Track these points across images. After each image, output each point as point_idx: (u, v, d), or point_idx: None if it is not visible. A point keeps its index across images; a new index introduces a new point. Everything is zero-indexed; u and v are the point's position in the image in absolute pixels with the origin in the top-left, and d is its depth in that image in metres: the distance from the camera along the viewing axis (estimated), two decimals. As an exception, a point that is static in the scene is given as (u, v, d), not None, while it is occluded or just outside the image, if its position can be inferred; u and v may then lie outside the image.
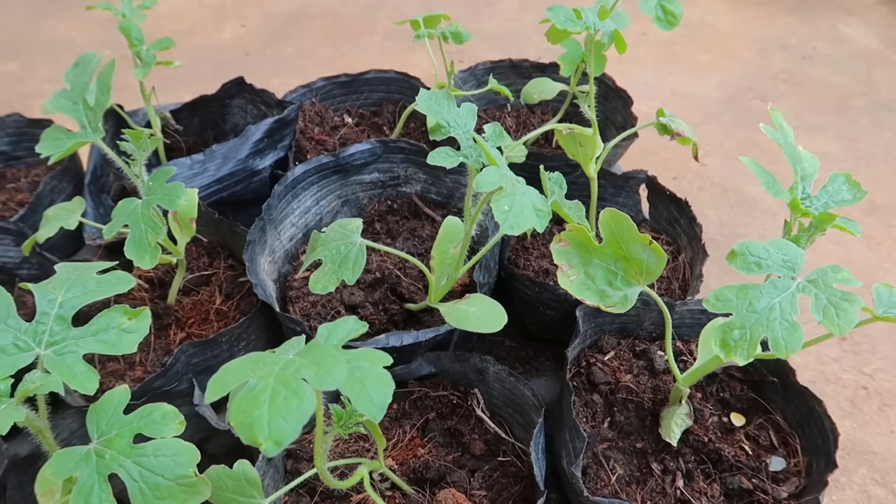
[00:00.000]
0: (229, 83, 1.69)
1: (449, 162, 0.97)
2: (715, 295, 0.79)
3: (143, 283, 1.40)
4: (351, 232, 1.11)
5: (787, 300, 0.76)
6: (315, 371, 0.67)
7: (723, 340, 0.77)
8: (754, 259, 0.79)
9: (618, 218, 0.98)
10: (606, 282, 1.00)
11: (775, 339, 0.74)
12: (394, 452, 1.16)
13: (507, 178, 0.90)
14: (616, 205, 1.58)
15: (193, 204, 1.29)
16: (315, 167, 1.42)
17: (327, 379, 0.66)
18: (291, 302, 1.32)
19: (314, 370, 0.67)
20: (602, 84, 1.79)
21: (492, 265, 1.28)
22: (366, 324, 0.80)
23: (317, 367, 0.67)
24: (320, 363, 0.68)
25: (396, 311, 1.33)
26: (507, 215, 0.87)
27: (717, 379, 1.25)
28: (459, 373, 1.24)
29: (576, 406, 1.18)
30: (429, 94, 1.04)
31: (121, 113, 1.58)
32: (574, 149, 1.34)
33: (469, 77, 1.81)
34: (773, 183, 0.89)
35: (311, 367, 0.67)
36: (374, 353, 0.76)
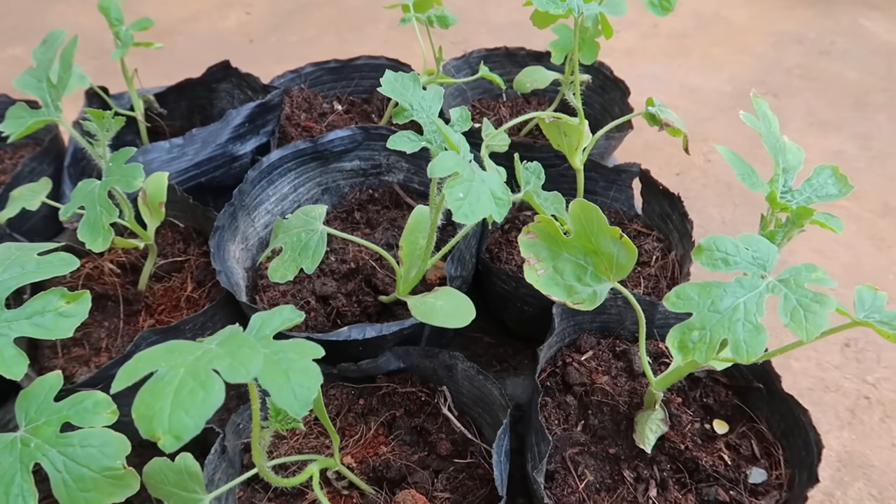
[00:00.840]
0: (214, 67, 1.66)
1: (409, 146, 0.92)
2: (676, 292, 0.73)
3: (115, 268, 1.37)
4: (313, 219, 1.06)
5: (754, 300, 0.70)
6: (229, 362, 0.62)
7: (681, 342, 0.71)
8: (721, 255, 0.73)
9: (587, 209, 0.92)
10: (575, 277, 0.95)
11: (736, 341, 0.68)
12: (355, 449, 1.11)
13: (464, 163, 0.85)
14: (607, 199, 1.52)
15: (162, 188, 1.25)
16: (292, 153, 1.38)
17: (241, 371, 0.62)
18: (262, 291, 1.28)
19: (228, 361, 0.62)
20: (599, 74, 1.72)
21: (467, 258, 1.23)
22: (302, 314, 0.76)
23: (231, 358, 0.63)
24: (236, 354, 0.63)
25: (370, 304, 1.29)
26: (462, 203, 0.81)
27: (700, 383, 1.18)
28: (429, 369, 1.19)
29: (548, 407, 1.13)
30: (395, 75, 0.99)
31: (102, 95, 1.55)
32: (558, 139, 1.28)
33: (463, 65, 1.76)
34: (750, 174, 0.82)
35: (226, 357, 0.63)
36: (305, 344, 0.71)
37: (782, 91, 2.29)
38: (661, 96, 2.35)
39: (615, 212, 1.51)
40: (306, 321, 1.22)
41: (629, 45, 2.56)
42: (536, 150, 1.49)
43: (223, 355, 0.63)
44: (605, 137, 1.53)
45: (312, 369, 0.68)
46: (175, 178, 1.45)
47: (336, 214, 1.46)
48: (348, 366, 1.17)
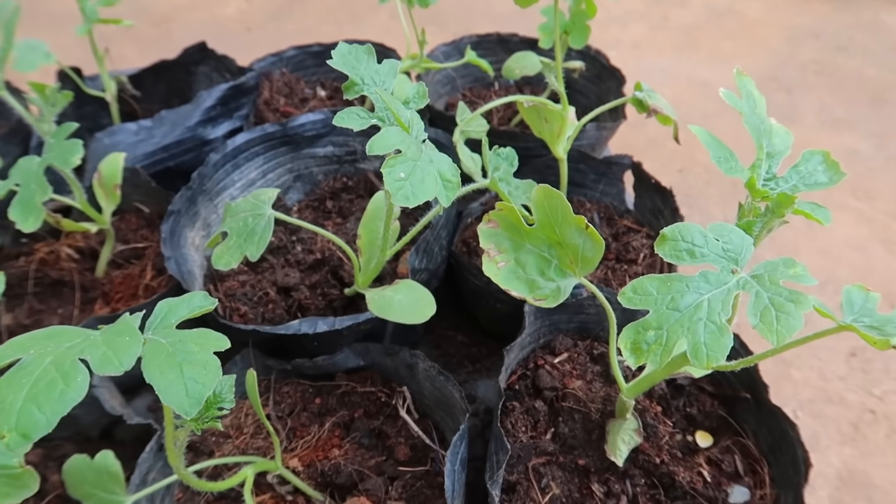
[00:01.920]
0: (191, 48, 1.59)
1: (357, 123, 0.84)
2: (633, 287, 0.64)
3: (73, 253, 1.31)
4: (263, 203, 0.99)
5: (720, 298, 0.61)
6: (102, 352, 0.55)
7: (634, 343, 0.62)
8: (686, 246, 0.64)
9: (551, 196, 0.83)
10: (538, 271, 0.86)
11: (696, 343, 0.59)
12: (303, 452, 1.03)
13: (410, 140, 0.77)
14: (597, 192, 1.43)
15: (117, 169, 1.19)
16: (260, 136, 1.31)
17: (112, 362, 0.54)
18: (220, 280, 1.21)
19: (101, 350, 0.55)
20: (596, 63, 1.63)
21: (435, 250, 1.15)
22: (215, 301, 0.68)
23: (106, 347, 0.55)
24: (112, 342, 0.56)
25: (336, 297, 1.21)
26: (403, 184, 0.73)
27: (684, 392, 1.09)
28: (390, 368, 1.11)
29: (515, 413, 1.04)
30: (348, 47, 0.91)
31: (72, 75, 1.50)
32: (539, 125, 1.19)
33: (452, 51, 1.68)
34: (728, 158, 0.73)
35: (101, 346, 0.55)
36: (209, 335, 0.63)
37: (795, 86, 2.18)
38: (668, 90, 2.25)
39: (605, 206, 1.42)
40: (263, 314, 1.15)
41: (636, 37, 2.46)
42: (522, 140, 1.40)
43: (98, 344, 0.56)
44: (596, 128, 1.44)
45: (211, 363, 0.60)
46: (142, 161, 1.38)
47: (308, 203, 1.39)
48: (303, 362, 1.10)
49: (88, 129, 1.53)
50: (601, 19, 2.59)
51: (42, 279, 1.27)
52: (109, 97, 1.47)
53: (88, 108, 1.61)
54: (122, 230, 1.34)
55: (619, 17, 2.58)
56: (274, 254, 1.26)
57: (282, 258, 1.26)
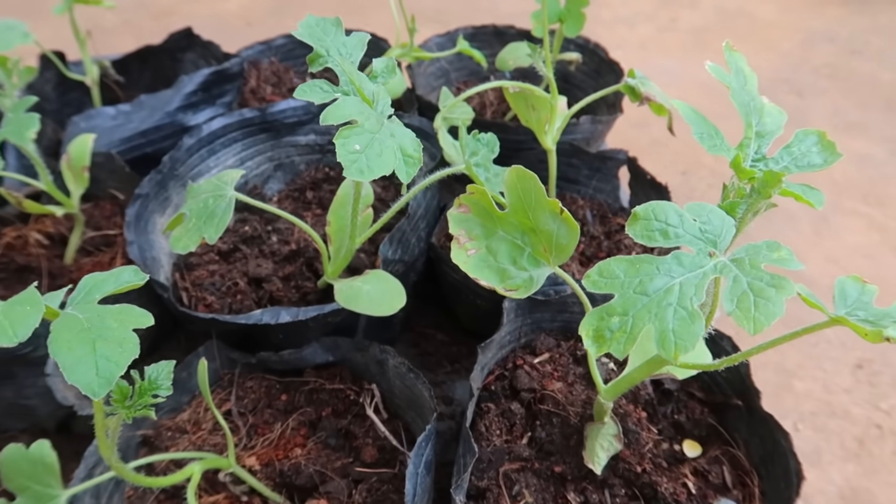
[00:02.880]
0: (176, 34, 1.55)
1: (319, 97, 0.78)
2: (598, 269, 0.58)
3: (42, 239, 1.26)
4: (225, 184, 0.93)
5: (693, 282, 0.55)
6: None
7: (597, 329, 0.56)
8: (659, 225, 0.58)
9: (525, 178, 0.77)
10: (510, 259, 0.80)
11: (663, 331, 0.52)
12: (263, 450, 0.97)
13: (368, 111, 0.71)
14: (590, 188, 1.36)
15: (85, 151, 1.14)
16: (238, 122, 1.26)
17: (7, 333, 0.49)
18: (189, 269, 1.16)
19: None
20: (595, 56, 1.57)
21: (412, 241, 1.09)
22: (146, 276, 0.63)
23: (2, 317, 0.50)
24: (10, 312, 0.51)
25: (310, 290, 1.15)
26: (358, 156, 0.67)
27: (672, 397, 1.02)
28: (361, 363, 1.05)
29: (490, 415, 0.97)
30: (316, 19, 0.86)
31: (54, 59, 1.46)
32: (526, 113, 1.13)
33: (447, 42, 1.63)
34: (712, 135, 0.67)
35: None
36: (132, 311, 0.58)
37: (807, 90, 2.10)
38: (675, 91, 2.18)
39: (598, 203, 1.36)
40: (230, 305, 1.09)
41: (644, 38, 2.40)
42: (513, 132, 1.34)
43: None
44: (590, 121, 1.37)
45: (128, 340, 0.55)
46: (119, 146, 1.34)
47: (288, 193, 1.33)
48: (269, 355, 1.04)
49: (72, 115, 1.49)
50: (608, 19, 2.54)
51: (8, 265, 1.22)
52: (90, 81, 1.43)
53: (73, 93, 1.57)
54: (94, 217, 1.29)
55: (626, 18, 2.52)
56: (248, 244, 1.21)
57: (256, 248, 1.21)
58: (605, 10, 2.58)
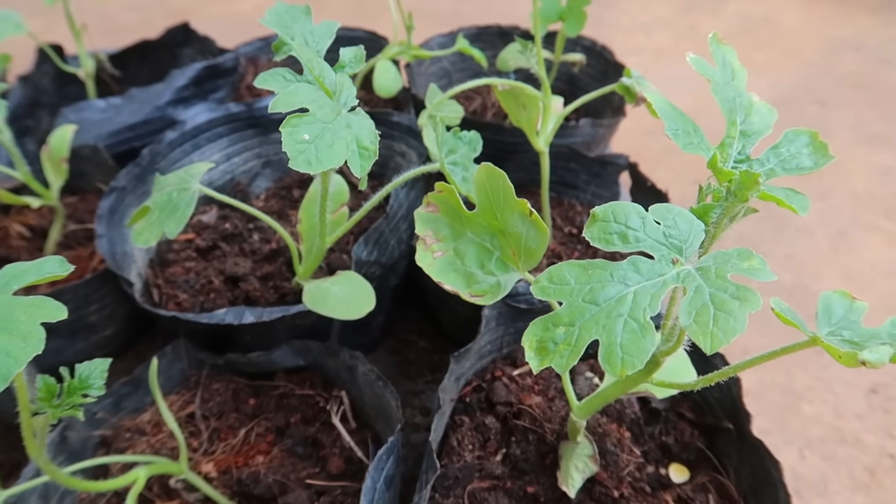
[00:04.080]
0: (174, 28, 1.53)
1: (280, 86, 0.74)
2: (548, 274, 0.53)
3: (24, 231, 1.24)
4: (191, 177, 0.90)
5: (650, 291, 0.49)
6: None
7: (540, 341, 0.50)
8: (619, 228, 0.53)
9: (494, 176, 0.72)
10: (478, 263, 0.75)
11: (610, 344, 0.47)
12: (223, 456, 0.93)
13: (322, 101, 0.67)
14: (588, 194, 1.31)
15: (65, 142, 1.12)
16: (223, 117, 1.23)
17: None
18: (164, 265, 1.12)
19: None
20: (601, 58, 1.52)
21: (391, 242, 1.04)
22: (71, 267, 0.59)
23: None
24: None
25: (289, 290, 1.11)
26: (306, 147, 0.63)
27: (660, 417, 0.95)
28: (332, 369, 1.00)
29: (464, 428, 0.92)
30: (285, 6, 0.82)
31: (50, 53, 1.44)
32: (517, 112, 1.08)
33: (449, 42, 1.58)
34: (689, 132, 0.61)
35: None
36: (46, 304, 0.54)
37: (831, 100, 2.01)
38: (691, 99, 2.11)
39: (597, 210, 1.29)
40: (202, 303, 1.06)
41: (661, 44, 2.33)
42: (508, 133, 1.29)
43: None
44: (591, 124, 1.32)
45: (33, 335, 0.51)
46: (107, 140, 1.32)
47: (275, 191, 1.30)
48: (237, 357, 1.00)
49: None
50: (626, 25, 2.48)
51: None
52: (83, 74, 1.42)
53: (71, 87, 1.56)
54: (78, 210, 1.27)
55: (644, 24, 2.45)
56: (228, 241, 1.17)
57: (236, 246, 1.17)
58: (624, 15, 2.51)
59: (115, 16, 2.67)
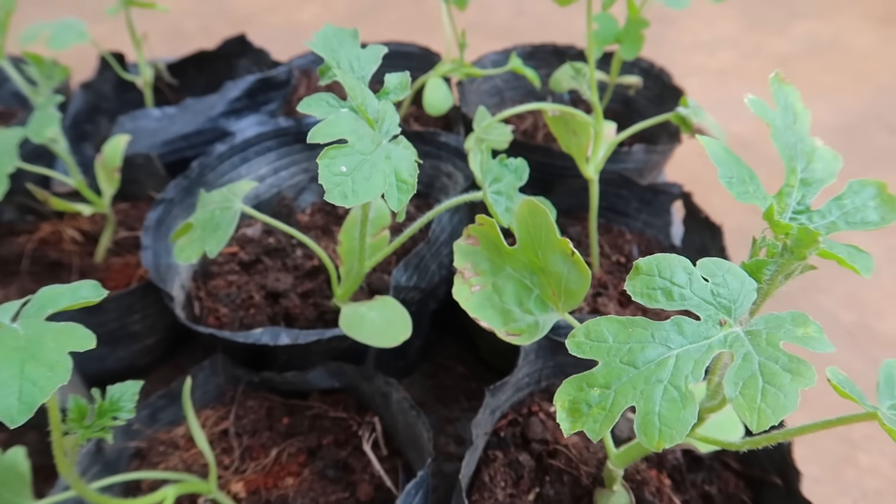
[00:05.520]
0: (230, 40, 1.56)
1: (323, 111, 0.73)
2: (586, 329, 0.50)
3: (77, 236, 1.27)
4: (234, 195, 0.90)
5: (693, 356, 0.46)
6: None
7: (573, 402, 0.47)
8: (663, 283, 0.50)
9: (536, 213, 0.70)
10: (516, 300, 0.73)
11: (647, 413, 0.44)
12: (253, 476, 0.93)
13: (362, 131, 0.66)
14: (638, 223, 1.26)
15: (118, 152, 1.14)
16: (272, 131, 1.23)
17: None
18: (207, 278, 1.13)
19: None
20: (658, 81, 1.47)
21: (432, 267, 1.02)
22: (104, 293, 0.59)
23: (-84, 331, 0.46)
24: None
25: (328, 309, 1.10)
26: (343, 179, 0.62)
27: (703, 465, 0.91)
28: (367, 393, 0.99)
29: (497, 463, 0.89)
30: (334, 29, 0.81)
31: (111, 61, 1.48)
32: (567, 138, 1.05)
33: (503, 60, 1.56)
34: (744, 180, 0.57)
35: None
36: (76, 331, 0.54)
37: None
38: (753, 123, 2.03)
39: (647, 239, 1.25)
40: (241, 318, 1.06)
41: (724, 64, 2.26)
42: (557, 157, 1.26)
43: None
44: (644, 150, 1.27)
45: (60, 364, 0.50)
46: (160, 148, 1.34)
47: (321, 206, 1.30)
48: (273, 375, 0.99)
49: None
50: (687, 44, 2.41)
51: (40, 259, 1.23)
52: (141, 83, 1.45)
53: (130, 94, 1.59)
54: (129, 217, 1.30)
55: (707, 43, 2.38)
56: (271, 256, 1.18)
57: (279, 261, 1.17)
58: (686, 34, 2.45)
59: (178, 22, 2.73)
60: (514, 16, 2.69)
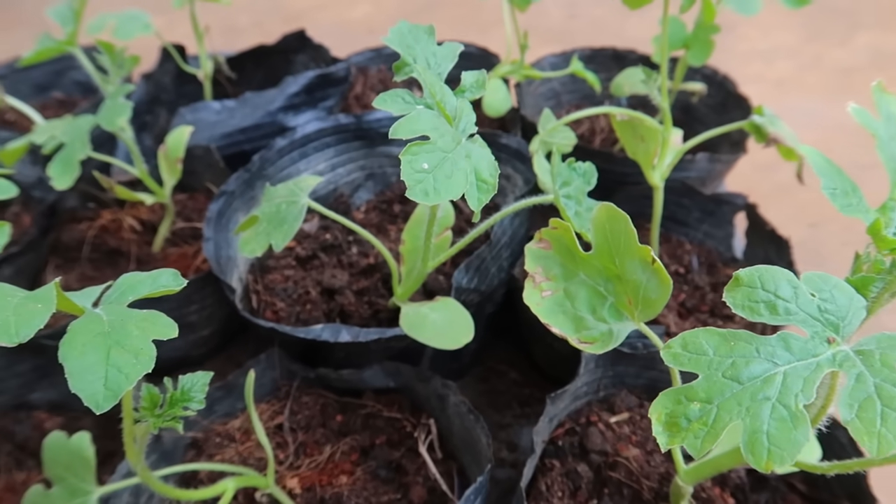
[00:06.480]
0: (290, 35, 1.56)
1: (399, 108, 0.72)
2: (682, 340, 0.48)
3: (136, 224, 1.28)
4: (300, 190, 0.90)
5: (802, 374, 0.44)
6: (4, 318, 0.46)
7: (671, 415, 0.45)
8: (767, 296, 0.47)
9: (615, 218, 0.68)
10: (589, 307, 0.71)
11: (755, 432, 0.42)
12: (308, 472, 0.92)
13: (443, 128, 0.65)
14: (699, 233, 1.23)
15: (181, 143, 1.15)
16: (332, 127, 1.23)
17: (9, 331, 0.45)
18: (264, 271, 1.14)
19: (5, 316, 0.46)
20: (721, 89, 1.44)
21: (492, 270, 1.01)
22: (184, 282, 0.59)
23: (12, 313, 0.46)
24: (22, 309, 0.47)
25: (383, 307, 1.10)
26: (425, 176, 0.61)
27: (767, 485, 0.88)
28: (422, 395, 0.98)
29: (553, 473, 0.88)
30: (409, 25, 0.81)
31: (173, 52, 1.50)
32: (634, 144, 1.03)
33: (561, 62, 1.54)
34: (847, 192, 0.55)
35: (8, 311, 0.47)
36: (158, 319, 0.54)
37: (972, 146, 1.84)
38: (814, 135, 1.98)
39: (707, 250, 1.22)
40: (298, 314, 1.06)
41: (783, 74, 2.21)
42: (619, 163, 1.24)
43: (6, 307, 0.47)
44: (708, 159, 1.25)
45: (145, 352, 0.50)
46: (219, 141, 1.35)
47: (376, 204, 1.29)
48: (328, 372, 0.99)
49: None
50: (743, 52, 2.36)
51: (100, 246, 1.25)
52: (202, 75, 1.46)
53: (190, 86, 1.61)
54: (188, 208, 1.31)
55: (764, 52, 2.33)
56: (327, 252, 1.17)
57: (334, 258, 1.17)
58: (742, 42, 2.40)
59: (232, 17, 2.76)
60: (567, 18, 2.66)
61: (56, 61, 1.66)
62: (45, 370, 1.08)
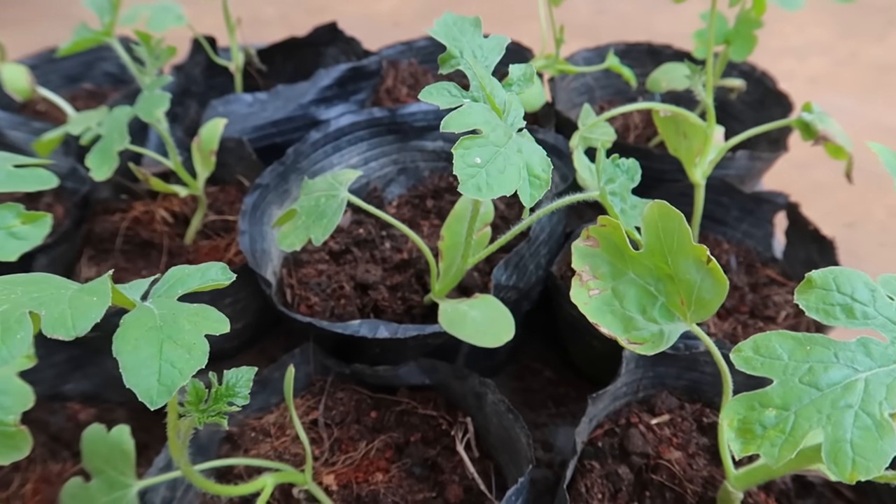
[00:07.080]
0: (321, 27, 1.55)
1: (446, 101, 0.71)
2: (754, 343, 0.46)
3: (168, 217, 1.28)
4: (339, 184, 0.89)
5: (884, 381, 0.42)
6: (60, 310, 0.45)
7: (744, 421, 0.44)
8: (843, 299, 0.46)
9: (668, 216, 0.66)
10: (639, 307, 0.69)
11: (838, 440, 0.40)
12: (343, 469, 0.91)
13: (495, 122, 0.63)
14: (738, 232, 1.21)
15: (215, 135, 1.14)
16: (366, 120, 1.22)
17: (66, 324, 0.44)
18: (298, 265, 1.13)
19: (60, 308, 0.45)
20: (760, 86, 1.41)
21: (530, 267, 0.99)
22: (233, 276, 0.58)
23: (67, 306, 0.46)
24: (77, 301, 0.46)
25: (417, 303, 1.08)
26: (477, 171, 0.59)
27: (814, 491, 0.86)
28: (458, 393, 0.97)
29: (593, 474, 0.86)
30: (455, 17, 0.80)
31: (204, 44, 1.49)
32: (676, 140, 1.01)
33: (595, 57, 1.52)
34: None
35: (63, 303, 0.46)
36: (208, 312, 0.53)
37: None
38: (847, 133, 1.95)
39: (746, 250, 1.20)
40: (332, 308, 1.05)
41: (816, 71, 2.17)
42: (656, 160, 1.22)
43: (63, 300, 0.46)
44: (748, 157, 1.22)
45: (198, 347, 0.49)
46: (251, 133, 1.34)
47: (408, 198, 1.28)
48: (363, 368, 0.98)
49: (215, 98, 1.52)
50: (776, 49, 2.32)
51: (133, 238, 1.25)
52: (233, 67, 1.45)
53: (219, 78, 1.60)
54: (219, 200, 1.30)
55: (798, 49, 2.29)
56: (360, 247, 1.16)
57: (367, 253, 1.16)
58: (775, 38, 2.36)
59: (258, 9, 2.76)
60: (595, 14, 2.64)
61: (87, 52, 1.66)
62: (79, 361, 1.08)
